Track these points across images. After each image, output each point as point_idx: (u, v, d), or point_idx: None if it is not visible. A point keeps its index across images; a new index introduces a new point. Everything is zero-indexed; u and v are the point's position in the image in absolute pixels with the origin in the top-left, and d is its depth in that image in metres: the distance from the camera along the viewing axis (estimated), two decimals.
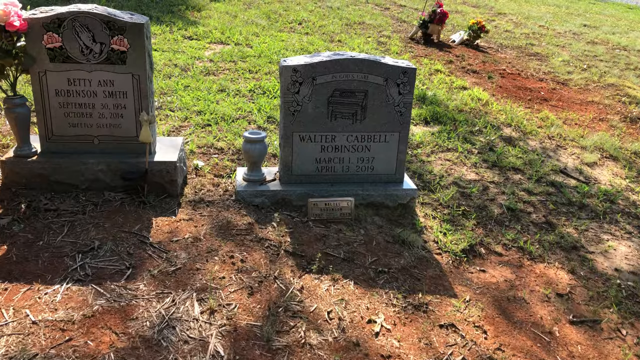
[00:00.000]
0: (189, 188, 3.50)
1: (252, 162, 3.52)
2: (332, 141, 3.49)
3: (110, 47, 3.10)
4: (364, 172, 3.60)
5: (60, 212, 3.05)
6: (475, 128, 5.27)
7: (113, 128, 3.27)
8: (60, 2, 7.38)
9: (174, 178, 3.32)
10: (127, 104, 3.23)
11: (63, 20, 3.01)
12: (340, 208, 3.38)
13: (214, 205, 3.34)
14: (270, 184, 3.53)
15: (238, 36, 7.26)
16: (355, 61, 3.33)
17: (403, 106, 3.47)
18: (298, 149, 3.47)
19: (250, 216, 3.28)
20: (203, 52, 6.46)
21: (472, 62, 7.93)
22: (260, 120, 4.67)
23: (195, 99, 4.97)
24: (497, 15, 12.52)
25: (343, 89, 3.38)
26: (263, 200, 3.46)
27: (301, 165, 3.51)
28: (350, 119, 3.45)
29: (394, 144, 3.55)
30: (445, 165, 4.43)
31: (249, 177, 3.54)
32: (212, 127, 4.45)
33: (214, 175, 3.73)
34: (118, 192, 3.29)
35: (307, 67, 3.30)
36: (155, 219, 3.11)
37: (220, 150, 4.10)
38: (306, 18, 9.05)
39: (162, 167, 3.28)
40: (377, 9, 10.99)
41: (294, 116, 3.39)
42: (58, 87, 3.14)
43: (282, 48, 7.02)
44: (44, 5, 4.51)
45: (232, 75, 5.78)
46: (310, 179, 3.56)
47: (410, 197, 3.59)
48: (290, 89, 3.33)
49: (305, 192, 3.48)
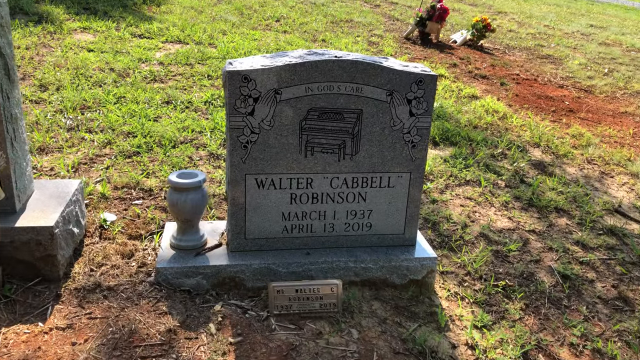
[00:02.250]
0: (83, 263, 2.24)
1: (183, 220, 2.27)
2: (309, 187, 2.26)
3: None
4: (357, 231, 2.36)
5: None
6: (497, 150, 4.07)
7: None
8: None
9: (51, 252, 2.06)
10: None
11: None
12: (319, 297, 2.14)
13: (116, 296, 2.08)
14: (212, 255, 2.28)
15: (201, 34, 6.00)
16: (343, 65, 2.10)
17: (416, 133, 2.24)
18: (254, 200, 2.23)
19: (173, 315, 2.03)
20: (154, 53, 5.19)
21: (479, 65, 6.75)
22: (212, 145, 3.42)
23: (128, 115, 3.70)
24: (497, 14, 11.40)
25: (323, 107, 2.15)
26: (198, 282, 2.20)
27: (260, 224, 2.27)
28: (335, 154, 2.22)
29: (402, 189, 2.32)
30: (466, 207, 3.21)
31: (180, 242, 2.29)
32: (142, 156, 3.18)
33: (129, 237, 2.47)
34: None
35: (267, 74, 2.06)
36: (6, 329, 1.84)
37: (147, 193, 2.84)
38: (285, 14, 7.82)
39: (29, 236, 2.02)
40: (366, 6, 9.80)
41: (247, 150, 2.15)
42: None
43: (254, 48, 5.78)
44: None
45: (185, 82, 4.52)
46: (274, 244, 2.32)
47: (427, 269, 2.36)
48: (239, 108, 2.09)
49: (266, 267, 2.24)
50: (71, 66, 4.47)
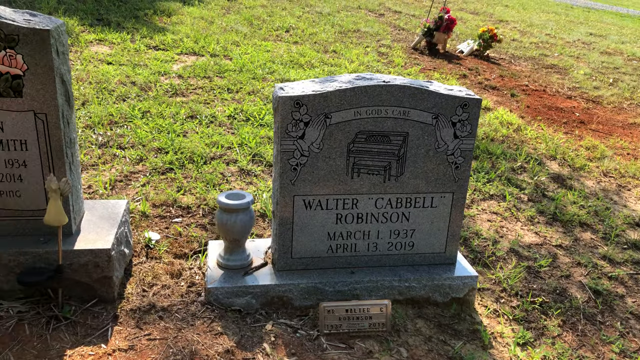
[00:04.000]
0: (135, 283, 2.27)
1: (231, 240, 2.31)
2: (354, 207, 2.31)
3: None
4: (400, 250, 2.42)
5: None
6: (516, 164, 4.14)
7: (6, 197, 2.04)
8: None
9: (108, 274, 2.10)
10: (29, 161, 2.01)
11: None
12: (369, 316, 2.19)
13: (171, 317, 2.12)
14: (259, 273, 2.32)
15: (214, 46, 6.05)
16: (392, 89, 2.15)
17: (460, 155, 2.30)
18: (302, 220, 2.28)
19: (228, 335, 2.07)
20: (171, 65, 5.23)
21: (488, 76, 6.84)
22: (243, 161, 3.46)
23: (156, 130, 3.74)
24: (499, 22, 11.52)
25: (371, 131, 2.20)
26: (248, 302, 2.25)
27: (306, 243, 2.32)
28: (380, 175, 2.27)
29: (444, 209, 2.38)
30: (494, 222, 3.27)
31: (228, 262, 2.33)
32: (175, 173, 3.22)
33: (174, 256, 2.51)
34: (14, 300, 2.06)
35: (318, 99, 2.11)
36: (71, 351, 1.88)
37: (185, 211, 2.88)
38: (294, 25, 7.88)
39: (87, 258, 2.05)
40: (371, 15, 9.88)
41: (296, 172, 2.20)
42: None
43: (268, 60, 5.83)
44: None
45: (206, 95, 4.56)
46: (320, 263, 2.37)
47: (468, 287, 2.42)
48: (290, 132, 2.14)
49: (313, 286, 2.29)
50: (93, 80, 4.50)
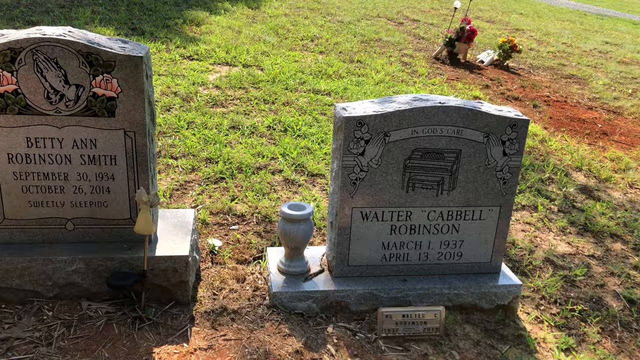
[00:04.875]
0: (205, 287, 2.45)
1: (292, 248, 2.49)
2: (407, 219, 2.48)
3: (92, 91, 2.06)
4: (449, 260, 2.58)
5: (12, 343, 1.99)
6: (544, 175, 4.29)
7: (95, 207, 2.23)
8: (14, 22, 6.30)
9: (184, 279, 2.28)
10: (117, 174, 2.19)
11: (19, 52, 1.97)
12: (424, 321, 2.35)
13: (241, 318, 2.30)
14: (318, 279, 2.50)
15: (245, 56, 6.24)
16: (447, 110, 2.32)
17: (508, 171, 2.46)
18: (359, 231, 2.45)
19: (295, 336, 2.24)
20: (207, 75, 5.43)
21: (509, 86, 6.99)
22: (287, 171, 3.64)
23: (203, 140, 3.93)
24: (515, 31, 11.66)
25: (426, 148, 2.37)
26: (309, 306, 2.42)
27: (362, 252, 2.49)
28: (434, 190, 2.44)
29: (491, 222, 2.54)
30: (528, 233, 3.43)
31: (289, 268, 2.50)
32: (227, 182, 3.41)
33: (237, 261, 2.69)
34: (102, 301, 2.24)
35: (378, 119, 2.29)
36: (157, 349, 2.06)
37: (240, 219, 3.06)
38: (317, 34, 8.06)
39: (167, 264, 2.24)
40: (390, 24, 10.05)
41: (356, 186, 2.37)
42: (12, 150, 2.09)
43: (297, 70, 6.01)
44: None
45: (245, 106, 4.75)
46: (374, 271, 2.54)
47: (513, 295, 2.57)
48: (352, 149, 2.32)
49: (369, 293, 2.46)
50: None
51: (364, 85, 5.84)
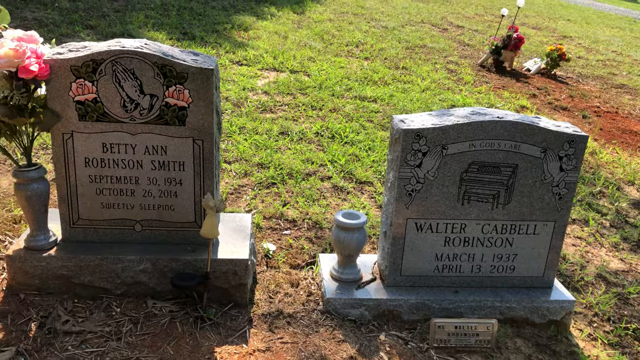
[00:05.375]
0: (261, 290, 2.54)
1: (345, 256, 2.55)
2: (461, 232, 2.50)
3: (165, 101, 2.17)
4: (501, 273, 2.59)
5: (85, 336, 2.12)
6: (595, 189, 4.22)
7: (163, 210, 2.34)
8: (89, 35, 6.55)
9: (244, 282, 2.37)
10: (184, 179, 2.30)
11: (100, 63, 2.10)
12: (476, 333, 2.37)
13: (297, 322, 2.37)
14: (370, 287, 2.55)
15: (292, 62, 6.35)
16: (505, 125, 2.34)
17: (564, 187, 2.46)
18: (412, 242, 2.49)
19: (349, 342, 2.30)
20: (255, 81, 5.55)
21: (557, 96, 6.88)
22: (336, 177, 3.71)
23: (254, 145, 4.03)
24: (562, 38, 11.43)
25: (483, 162, 2.39)
26: (362, 313, 2.47)
27: (415, 263, 2.53)
28: (489, 203, 2.46)
29: (545, 236, 2.54)
30: (579, 247, 3.39)
31: (341, 275, 2.56)
32: (278, 187, 3.50)
33: (290, 266, 2.76)
34: (166, 300, 2.35)
35: (437, 132, 2.33)
36: (218, 349, 2.15)
37: (292, 224, 3.14)
38: (362, 40, 8.11)
39: (228, 267, 2.33)
40: (435, 30, 10.01)
41: (411, 197, 2.41)
42: (89, 154, 2.22)
43: (343, 77, 6.08)
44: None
45: (293, 112, 4.84)
46: (426, 281, 2.57)
47: (565, 311, 2.56)
48: (409, 161, 2.36)
49: (421, 303, 2.49)
50: None
51: (410, 93, 5.86)
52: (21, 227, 2.71)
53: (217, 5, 8.73)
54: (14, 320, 2.15)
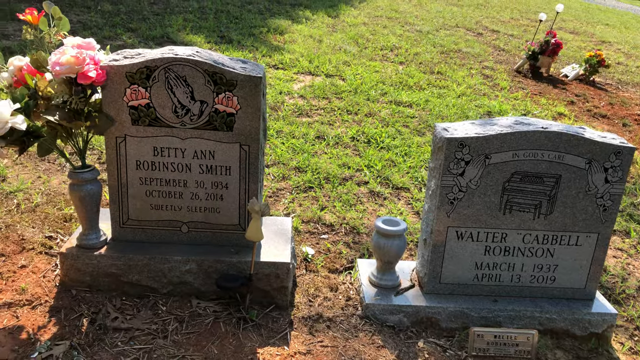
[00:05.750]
0: (300, 293, 2.58)
1: (385, 262, 2.57)
2: (502, 241, 2.50)
3: (214, 107, 2.24)
4: (541, 283, 2.58)
5: (133, 333, 2.20)
6: (637, 199, 4.14)
7: (208, 213, 2.41)
8: (138, 42, 6.73)
9: (285, 284, 2.42)
10: (230, 183, 2.36)
11: (153, 70, 2.18)
12: (516, 344, 2.37)
13: (336, 326, 2.41)
14: (408, 294, 2.57)
15: (328, 66, 6.39)
16: (550, 135, 2.33)
17: (608, 198, 2.43)
18: (453, 250, 2.50)
19: (388, 348, 2.32)
20: (292, 85, 5.62)
21: (596, 103, 6.75)
22: (373, 183, 3.73)
23: (291, 149, 4.09)
24: (601, 43, 11.18)
25: (526, 172, 2.39)
26: (400, 319, 2.49)
27: (455, 271, 2.54)
28: (531, 213, 2.45)
29: (588, 248, 2.52)
30: (620, 259, 3.33)
31: (380, 281, 2.59)
32: (315, 192, 3.54)
33: (329, 270, 2.80)
34: (209, 300, 2.42)
35: (480, 141, 2.33)
36: (261, 350, 2.20)
37: (330, 228, 3.18)
38: (397, 44, 8.11)
39: (270, 269, 2.38)
40: (469, 34, 9.93)
41: (453, 205, 2.42)
42: (141, 157, 2.31)
43: (379, 81, 6.09)
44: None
45: (329, 116, 4.88)
46: (465, 289, 2.58)
47: (607, 324, 2.53)
48: (452, 170, 2.37)
49: (460, 311, 2.50)
50: None
51: (446, 98, 5.83)
52: (72, 225, 2.82)
53: (252, 9, 8.85)
54: (67, 315, 2.25)
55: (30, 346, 2.07)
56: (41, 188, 3.12)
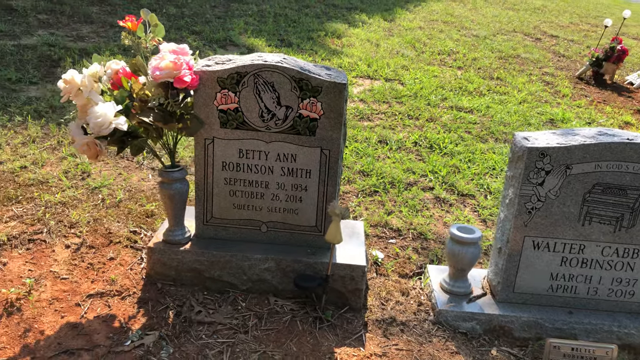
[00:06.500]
0: (372, 296, 2.63)
1: (458, 269, 2.58)
2: (580, 252, 2.47)
3: (299, 112, 2.31)
4: (619, 297, 2.53)
5: (216, 327, 2.29)
6: None
7: (287, 214, 2.49)
8: (214, 48, 6.94)
9: (360, 287, 2.47)
10: (309, 186, 2.43)
11: (243, 76, 2.27)
12: (594, 357, 2.33)
13: (410, 331, 2.44)
14: (480, 302, 2.57)
15: (386, 70, 6.42)
16: (635, 147, 2.29)
17: None
18: (528, 259, 2.49)
19: (462, 354, 2.33)
20: (351, 88, 5.67)
21: None
22: (438, 189, 3.73)
23: (355, 153, 4.14)
24: None
25: (608, 183, 2.35)
26: (473, 327, 2.50)
27: (529, 280, 2.52)
28: (611, 225, 2.41)
29: None
30: None
31: (452, 288, 2.60)
32: (381, 196, 3.58)
33: (399, 275, 2.83)
34: (286, 299, 2.49)
35: (562, 152, 2.31)
36: (337, 349, 2.26)
37: (397, 233, 3.20)
38: (454, 49, 8.04)
39: (346, 272, 2.44)
40: (527, 40, 9.73)
41: (531, 215, 2.41)
42: (226, 159, 2.41)
43: (438, 86, 6.07)
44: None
45: (390, 120, 4.91)
46: (538, 300, 2.56)
47: None
48: (531, 179, 2.36)
49: (534, 321, 2.48)
50: None
51: (507, 105, 5.75)
52: (153, 221, 2.96)
53: (310, 13, 8.96)
54: (154, 307, 2.37)
55: (123, 334, 2.20)
56: (122, 184, 3.29)
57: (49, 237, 2.69)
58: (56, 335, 2.15)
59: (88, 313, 2.29)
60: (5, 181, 3.13)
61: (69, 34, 6.15)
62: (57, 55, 5.27)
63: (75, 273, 2.50)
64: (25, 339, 2.11)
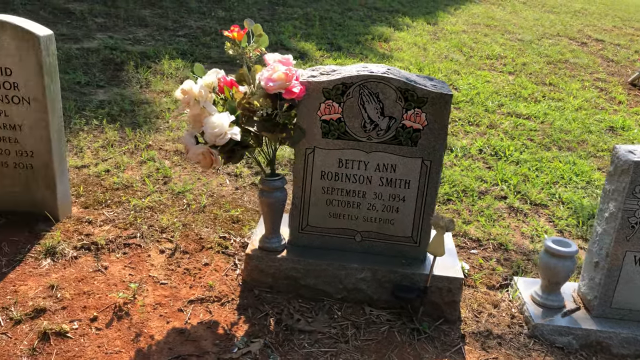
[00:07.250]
0: (465, 308, 2.61)
1: (552, 282, 2.55)
2: None
3: (402, 123, 2.31)
4: None
5: (317, 336, 2.30)
6: None
7: (383, 224, 2.49)
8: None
9: (456, 299, 2.45)
10: (407, 196, 2.43)
11: (349, 87, 2.28)
12: None
13: (507, 344, 2.41)
14: (575, 316, 2.53)
15: (438, 74, 6.37)
16: None
17: None
18: (628, 274, 2.44)
19: None
20: None
21: None
22: (512, 198, 3.69)
23: None
24: None
25: None
26: (569, 341, 2.46)
27: (627, 295, 2.48)
28: None
29: None
30: None
31: (546, 301, 2.57)
32: (455, 204, 3.55)
33: (487, 286, 2.81)
34: (380, 309, 2.49)
35: None
36: None
37: (477, 243, 3.18)
38: (501, 53, 7.95)
39: (444, 284, 2.43)
40: (573, 44, 9.57)
41: (634, 230, 2.37)
42: (326, 168, 2.42)
43: (492, 91, 6.01)
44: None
45: (451, 127, 4.87)
46: (635, 316, 2.51)
47: None
48: (637, 193, 2.32)
49: (633, 337, 2.44)
50: None
51: (564, 111, 5.67)
52: (241, 227, 2.99)
53: (354, 16, 8.96)
54: (254, 314, 2.39)
55: (229, 341, 2.22)
56: (203, 189, 3.33)
57: (143, 242, 2.74)
58: (165, 341, 2.19)
59: (192, 319, 2.32)
60: (93, 185, 3.20)
61: (126, 37, 6.26)
62: (119, 59, 5.36)
63: (173, 278, 2.54)
64: (138, 344, 2.15)
